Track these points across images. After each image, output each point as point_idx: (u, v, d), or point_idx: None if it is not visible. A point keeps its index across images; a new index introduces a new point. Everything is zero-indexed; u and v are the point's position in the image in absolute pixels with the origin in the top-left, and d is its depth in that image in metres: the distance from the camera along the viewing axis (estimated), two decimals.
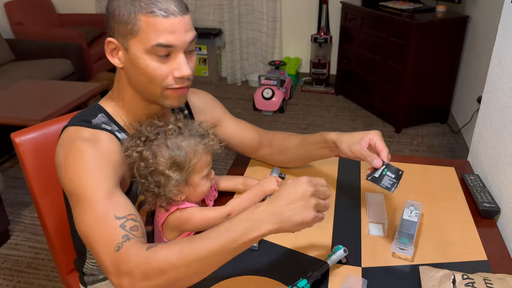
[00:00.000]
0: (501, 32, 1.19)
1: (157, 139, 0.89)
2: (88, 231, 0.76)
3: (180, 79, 0.85)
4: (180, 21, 0.81)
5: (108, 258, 0.73)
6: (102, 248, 0.74)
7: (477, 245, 0.95)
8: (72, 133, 0.86)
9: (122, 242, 0.73)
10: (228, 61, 4.17)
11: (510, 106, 1.09)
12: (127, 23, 0.81)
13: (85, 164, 0.80)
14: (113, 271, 0.72)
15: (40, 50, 3.60)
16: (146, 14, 0.79)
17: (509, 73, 1.12)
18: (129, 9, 0.80)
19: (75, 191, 0.79)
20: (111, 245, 0.73)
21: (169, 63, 0.84)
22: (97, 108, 0.92)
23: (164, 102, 0.88)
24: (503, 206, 1.07)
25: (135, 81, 0.86)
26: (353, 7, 3.39)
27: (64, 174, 0.82)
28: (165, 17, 0.80)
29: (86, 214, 0.77)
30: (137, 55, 0.82)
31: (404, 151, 2.90)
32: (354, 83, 3.57)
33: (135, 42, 0.82)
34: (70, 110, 2.44)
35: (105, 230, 0.75)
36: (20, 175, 2.67)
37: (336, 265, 0.89)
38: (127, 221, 0.76)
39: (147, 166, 0.87)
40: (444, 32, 2.92)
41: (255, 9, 3.95)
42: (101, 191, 0.78)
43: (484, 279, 0.78)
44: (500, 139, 1.14)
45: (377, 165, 0.92)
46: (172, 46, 0.82)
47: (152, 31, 0.80)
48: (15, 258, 2.02)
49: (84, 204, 0.77)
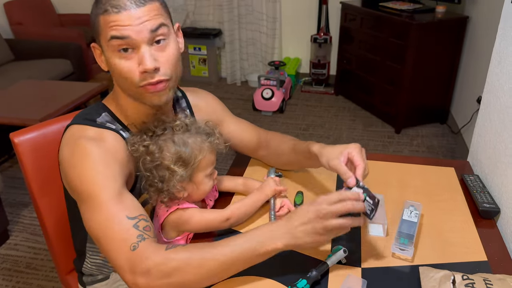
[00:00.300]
0: (501, 32, 1.19)
1: (164, 134, 0.89)
2: (100, 231, 0.77)
3: (148, 74, 0.81)
4: (136, 13, 0.79)
5: (123, 258, 0.74)
6: (115, 247, 0.75)
7: (477, 245, 0.95)
8: (75, 131, 0.86)
9: (137, 242, 0.75)
10: (227, 61, 4.17)
11: (510, 107, 1.09)
12: (93, 26, 0.84)
13: (91, 163, 0.81)
14: (128, 270, 0.74)
15: (39, 50, 3.60)
16: (102, 14, 0.81)
17: (509, 74, 1.12)
18: (94, 13, 0.83)
19: (83, 191, 0.80)
20: (125, 245, 0.75)
21: (134, 58, 0.81)
22: (101, 107, 0.92)
23: (143, 99, 0.86)
24: (503, 206, 1.07)
25: (117, 82, 0.88)
26: (353, 8, 3.39)
27: (70, 173, 0.82)
28: (117, 12, 0.79)
29: (96, 214, 0.78)
30: (107, 55, 0.84)
31: (404, 151, 2.90)
32: (354, 83, 3.57)
33: (102, 43, 0.84)
34: (70, 110, 2.44)
35: (119, 229, 0.76)
36: (19, 175, 2.67)
37: (335, 265, 0.88)
38: (139, 221, 0.78)
39: (153, 160, 0.87)
40: (444, 32, 2.93)
41: (255, 10, 3.95)
42: (110, 191, 0.79)
43: (484, 280, 0.78)
44: (500, 140, 1.14)
45: (350, 184, 0.87)
46: (128, 37, 0.79)
47: (108, 28, 0.80)
48: (14, 258, 2.02)
49: (93, 204, 0.78)
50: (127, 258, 0.74)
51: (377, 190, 1.14)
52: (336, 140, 3.08)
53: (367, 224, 1.01)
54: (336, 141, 3.06)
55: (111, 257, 0.77)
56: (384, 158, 1.30)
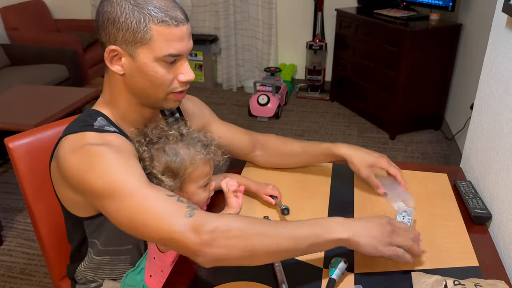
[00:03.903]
0: (492, 40, 1.21)
1: (158, 142, 0.89)
2: (137, 214, 0.74)
3: (184, 83, 0.88)
4: (187, 28, 0.84)
5: (181, 224, 0.72)
6: (166, 220, 0.73)
7: (469, 251, 0.96)
8: (75, 141, 0.83)
9: (192, 210, 0.74)
10: (223, 67, 4.18)
11: (501, 114, 1.11)
12: (136, 31, 0.80)
13: (108, 161, 0.78)
14: (192, 230, 0.72)
15: (35, 56, 3.60)
16: (158, 23, 0.79)
17: (500, 81, 1.13)
18: (137, 17, 0.79)
19: (105, 188, 0.76)
20: (179, 214, 0.73)
21: (174, 68, 0.86)
22: (94, 112, 0.91)
23: (164, 105, 0.91)
24: (494, 212, 1.08)
25: (138, 86, 0.87)
26: (348, 15, 3.42)
27: (87, 177, 0.77)
28: (176, 26, 0.81)
29: (128, 201, 0.75)
30: (146, 62, 0.83)
31: (398, 157, 2.92)
32: (349, 89, 3.59)
33: (144, 51, 0.81)
34: (65, 115, 2.43)
35: (165, 204, 0.74)
36: (14, 181, 2.66)
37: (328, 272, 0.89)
38: (180, 198, 0.77)
39: (145, 167, 0.87)
40: (438, 39, 2.96)
41: (251, 16, 3.98)
42: (137, 179, 0.77)
43: (476, 285, 0.79)
44: (491, 146, 1.15)
45: (393, 205, 1.08)
46: (181, 55, 0.84)
47: (164, 41, 0.81)
48: (8, 264, 2.01)
49: (122, 195, 0.75)
50: (186, 223, 0.72)
51: (370, 195, 1.15)
52: None
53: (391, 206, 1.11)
54: None
55: (162, 229, 0.72)
56: None
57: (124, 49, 0.82)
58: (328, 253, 0.94)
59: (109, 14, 0.80)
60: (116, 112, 0.92)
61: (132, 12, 0.79)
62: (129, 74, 0.85)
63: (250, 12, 3.96)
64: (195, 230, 0.72)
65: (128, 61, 0.83)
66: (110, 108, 0.92)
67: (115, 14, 0.80)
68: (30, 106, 2.55)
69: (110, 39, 0.82)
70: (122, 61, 0.84)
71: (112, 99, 0.91)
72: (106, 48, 0.83)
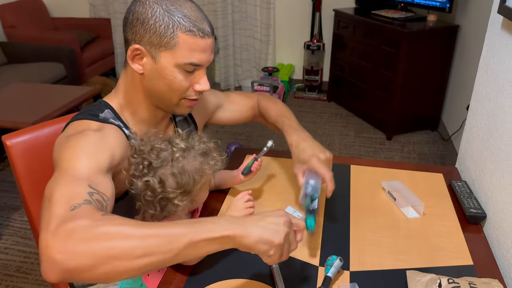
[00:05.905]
0: (488, 41, 1.21)
1: (162, 167, 0.85)
2: (54, 189, 0.68)
3: (199, 92, 0.91)
4: (212, 42, 0.87)
5: (57, 215, 0.62)
6: (58, 206, 0.64)
7: (463, 250, 0.97)
8: (78, 126, 0.86)
9: (80, 204, 0.65)
10: (221, 66, 4.19)
11: (496, 115, 1.12)
12: (163, 35, 0.82)
13: (83, 142, 0.78)
14: (52, 228, 0.60)
15: (33, 54, 3.59)
16: (185, 31, 0.82)
17: (495, 82, 1.14)
18: (166, 22, 0.81)
19: (62, 162, 0.74)
20: (68, 204, 0.65)
21: (191, 76, 0.88)
22: (103, 104, 0.93)
23: (175, 110, 0.93)
24: (489, 212, 1.09)
25: (155, 88, 0.89)
26: (345, 15, 3.43)
27: (59, 148, 0.79)
28: (202, 37, 0.84)
29: (62, 177, 0.71)
30: (167, 67, 0.85)
31: (395, 158, 2.93)
32: (346, 90, 3.60)
33: (167, 55, 0.84)
34: (62, 113, 2.43)
35: (72, 190, 0.68)
36: (10, 179, 2.66)
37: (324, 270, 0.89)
38: (97, 194, 0.70)
39: (155, 194, 0.85)
40: (435, 41, 2.97)
41: (249, 16, 3.98)
42: (86, 165, 0.73)
43: (470, 283, 0.80)
44: (486, 146, 1.16)
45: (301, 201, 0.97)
46: (201, 65, 0.87)
47: (188, 49, 0.83)
48: (4, 262, 2.01)
49: (64, 170, 0.72)
50: (61, 216, 0.62)
51: (367, 195, 1.16)
52: (328, 146, 3.09)
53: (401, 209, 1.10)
54: (328, 147, 3.08)
55: (47, 217, 0.63)
56: (375, 164, 1.32)
57: (147, 50, 0.84)
58: (324, 251, 0.95)
59: (140, 14, 0.83)
60: (127, 107, 0.94)
61: (162, 17, 0.81)
62: (148, 75, 0.87)
63: (248, 12, 3.97)
64: (55, 228, 0.60)
65: (150, 62, 0.86)
66: (121, 102, 0.94)
67: (145, 15, 0.82)
68: (28, 104, 2.54)
69: (136, 38, 0.84)
70: (143, 60, 0.86)
71: (126, 95, 0.93)
72: (130, 46, 0.85)
